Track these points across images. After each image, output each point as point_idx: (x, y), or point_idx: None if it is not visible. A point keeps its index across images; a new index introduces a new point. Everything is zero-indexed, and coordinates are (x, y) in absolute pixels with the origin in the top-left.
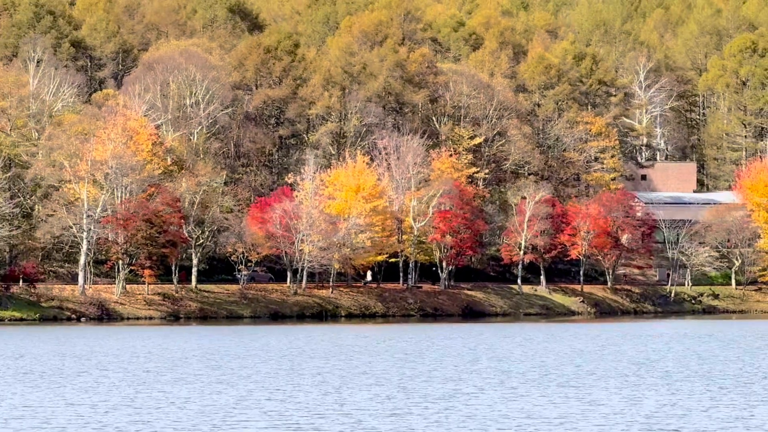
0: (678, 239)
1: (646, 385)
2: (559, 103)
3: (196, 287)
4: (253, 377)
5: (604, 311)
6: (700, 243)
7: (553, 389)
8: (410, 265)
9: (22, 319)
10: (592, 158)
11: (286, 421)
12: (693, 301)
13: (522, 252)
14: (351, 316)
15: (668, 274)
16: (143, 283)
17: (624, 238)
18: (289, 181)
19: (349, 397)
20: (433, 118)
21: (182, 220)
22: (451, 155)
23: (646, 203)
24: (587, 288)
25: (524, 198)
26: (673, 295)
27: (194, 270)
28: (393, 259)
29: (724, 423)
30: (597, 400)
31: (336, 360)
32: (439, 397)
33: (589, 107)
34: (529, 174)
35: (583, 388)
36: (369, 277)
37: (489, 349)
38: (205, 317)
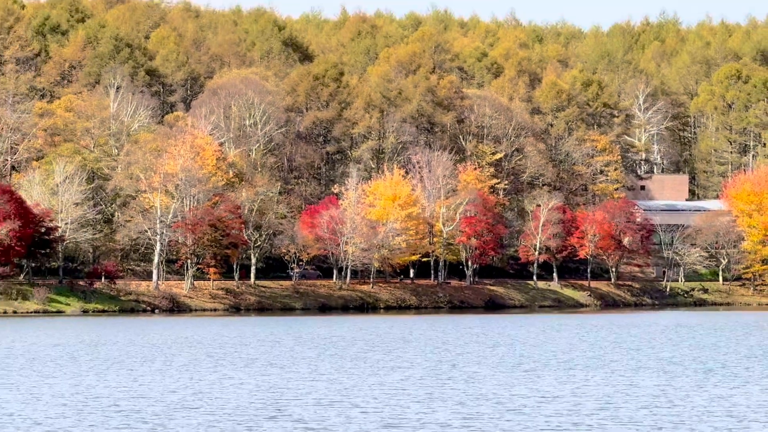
0: (672, 241)
1: (645, 368)
2: (569, 123)
3: (254, 283)
4: (301, 361)
5: (608, 304)
6: (691, 244)
7: (562, 371)
8: (440, 263)
9: (104, 311)
10: (598, 171)
11: (329, 399)
12: (685, 295)
13: (537, 252)
14: (389, 308)
15: (664, 272)
16: (208, 279)
17: (625, 241)
18: (335, 191)
19: (385, 377)
20: (460, 137)
21: (242, 225)
22: (475, 168)
23: (644, 210)
24: (594, 283)
25: (539, 206)
26: (668, 289)
27: (253, 268)
28: (425, 259)
29: (711, 401)
30: (602, 382)
31: (373, 346)
32: (463, 378)
33: (595, 127)
34: (543, 185)
35: (587, 371)
36: (412, 274)
37: (507, 336)
38: (262, 309)
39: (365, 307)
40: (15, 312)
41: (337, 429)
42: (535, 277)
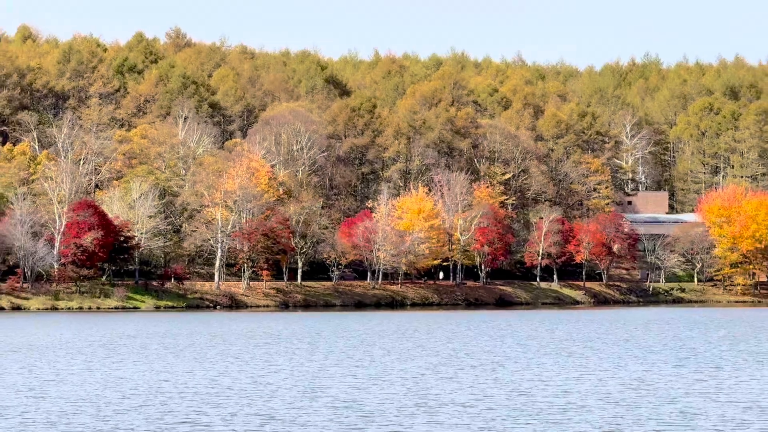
0: (654, 248)
1: (629, 356)
2: (567, 148)
3: (300, 283)
4: (335, 350)
5: (600, 301)
6: (671, 251)
7: (561, 358)
8: (457, 267)
9: (173, 307)
10: (591, 189)
11: (361, 383)
12: (666, 294)
13: (540, 258)
14: (414, 305)
15: (647, 274)
16: (262, 280)
17: (615, 248)
18: (369, 206)
19: (406, 363)
20: (474, 160)
21: (290, 234)
22: (487, 187)
23: (631, 222)
24: (588, 284)
25: (541, 218)
26: (651, 289)
27: (299, 271)
28: (445, 263)
29: (686, 384)
30: (595, 367)
31: (400, 337)
32: (475, 365)
33: (589, 151)
34: (545, 200)
35: (582, 358)
36: (441, 276)
37: (513, 329)
38: (307, 306)
39: (394, 304)
40: (98, 308)
41: (371, 406)
42: (538, 279)
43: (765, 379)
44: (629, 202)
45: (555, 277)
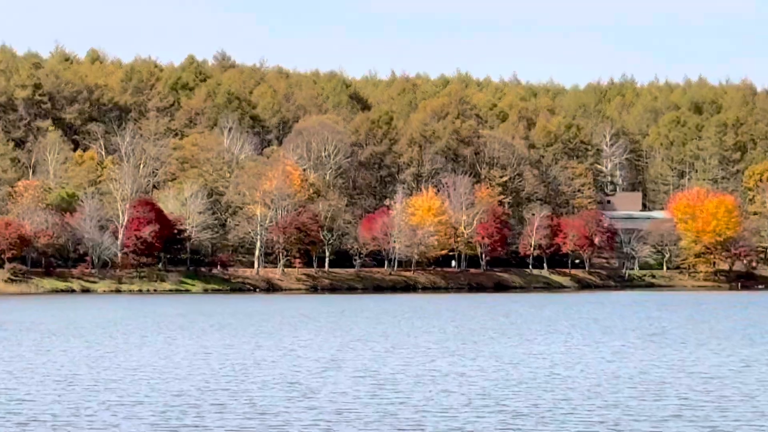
0: (630, 240)
1: (608, 333)
2: (555, 155)
3: (327, 270)
4: (354, 328)
5: (583, 285)
6: (643, 243)
7: (550, 336)
8: (461, 256)
9: (219, 290)
10: (576, 190)
11: (374, 358)
12: (639, 280)
13: (532, 248)
14: (425, 289)
15: (624, 263)
16: (294, 267)
17: (596, 240)
18: (386, 204)
19: (417, 339)
20: (476, 165)
21: (319, 228)
22: (487, 188)
23: (609, 218)
24: (573, 271)
25: (533, 215)
26: (626, 275)
27: (327, 259)
28: (451, 253)
29: (656, 356)
30: (578, 342)
31: (411, 316)
32: (476, 341)
33: (574, 158)
34: (536, 200)
35: (566, 335)
36: (454, 264)
37: (507, 310)
38: (333, 289)
39: (408, 288)
40: (155, 290)
41: (385, 375)
42: (530, 266)
43: (723, 353)
44: (608, 201)
45: (545, 265)
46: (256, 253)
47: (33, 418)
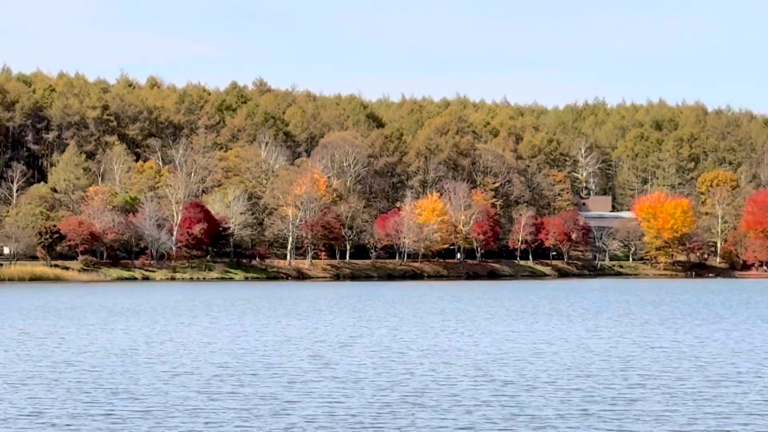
0: (601, 236)
1: (582, 314)
2: (539, 165)
3: (348, 261)
4: (369, 310)
5: (562, 274)
6: (613, 238)
7: (534, 317)
8: (460, 249)
9: (257, 278)
10: (556, 194)
11: (394, 332)
12: (609, 269)
13: (519, 243)
14: (430, 277)
15: (596, 255)
16: (320, 258)
17: (573, 236)
18: (397, 206)
19: (422, 319)
20: (473, 173)
21: (341, 226)
22: (482, 192)
23: (585, 218)
24: (554, 262)
25: (521, 215)
26: (598, 265)
27: (347, 252)
28: (451, 246)
29: (623, 334)
30: (558, 323)
31: (416, 301)
32: (472, 321)
33: (555, 167)
34: (523, 202)
35: (548, 317)
36: (459, 256)
37: (498, 295)
38: (353, 277)
39: (415, 276)
40: (204, 278)
41: (396, 351)
42: (518, 258)
43: (681, 330)
44: (583, 204)
45: (530, 256)
46: (288, 247)
47: (98, 386)
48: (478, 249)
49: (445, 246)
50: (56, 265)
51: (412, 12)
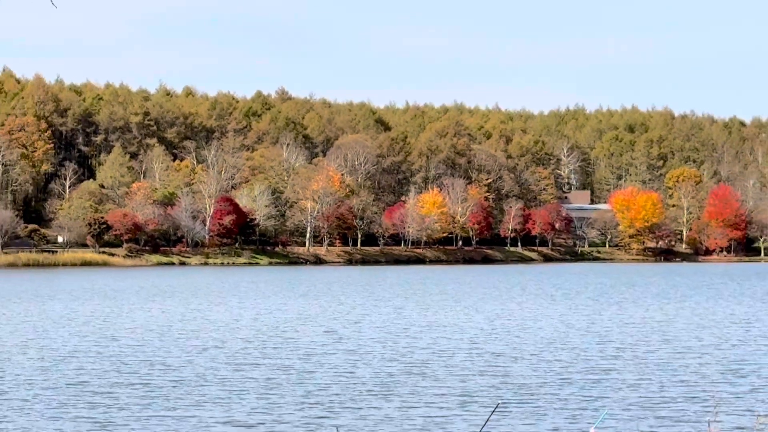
0: (581, 226)
1: (558, 295)
2: (527, 163)
3: (359, 248)
4: (378, 290)
5: (547, 259)
6: (591, 227)
7: (523, 296)
8: (458, 237)
9: (279, 263)
10: (542, 189)
11: (393, 314)
12: (588, 255)
13: (509, 231)
14: (431, 261)
15: (576, 242)
16: (335, 246)
17: (557, 225)
18: (403, 200)
19: (424, 298)
20: (469, 171)
21: (353, 217)
22: (476, 188)
23: (567, 209)
24: (539, 248)
25: (510, 207)
26: (579, 251)
27: (359, 240)
28: (450, 235)
29: (598, 311)
30: (542, 302)
31: (418, 282)
32: (468, 300)
33: (541, 165)
34: (512, 196)
35: (533, 296)
36: (460, 243)
37: (490, 277)
38: (363, 262)
39: (418, 261)
40: (233, 263)
41: (401, 325)
42: (508, 244)
43: (651, 308)
44: (565, 197)
45: (519, 243)
46: (307, 235)
47: (137, 359)
48: (473, 237)
49: (444, 234)
50: (103, 252)
51: (416, 30)
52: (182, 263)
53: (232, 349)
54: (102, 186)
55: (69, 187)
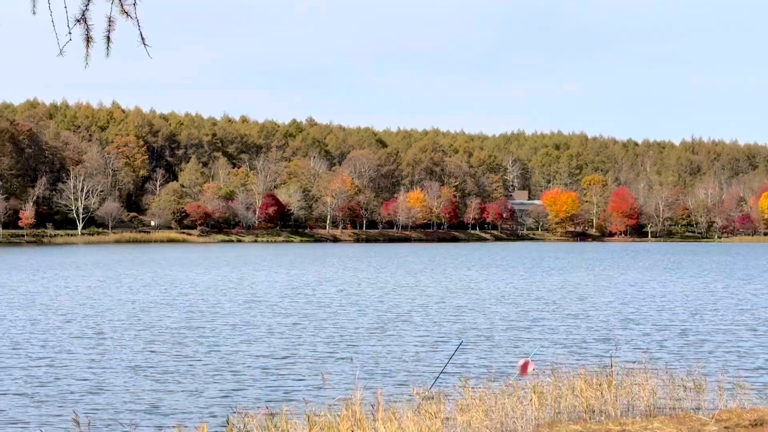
0: (521, 216)
1: (504, 264)
2: (483, 171)
3: (365, 230)
4: (375, 262)
5: (498, 239)
6: (529, 217)
7: (478, 266)
8: (434, 223)
9: (307, 241)
10: (494, 189)
11: (384, 289)
12: (526, 237)
13: (471, 219)
14: (415, 240)
15: (518, 227)
16: (347, 229)
17: (504, 215)
18: (395, 197)
19: (409, 266)
20: (442, 176)
21: (360, 209)
22: (448, 189)
23: (511, 204)
24: (492, 232)
25: (471, 202)
26: (520, 234)
27: (364, 224)
28: (429, 221)
29: (535, 280)
30: (492, 274)
31: (407, 255)
32: (440, 267)
33: (493, 172)
34: (473, 194)
35: (488, 267)
36: (436, 227)
37: (456, 252)
38: (367, 240)
39: (406, 240)
40: (275, 241)
41: (390, 286)
42: (470, 228)
43: (569, 275)
44: (511, 195)
45: (477, 228)
46: (327, 221)
47: (198, 310)
48: (445, 223)
49: (425, 221)
50: (183, 232)
51: (407, 75)
52: (239, 241)
53: (270, 303)
54: (182, 186)
55: (159, 186)
